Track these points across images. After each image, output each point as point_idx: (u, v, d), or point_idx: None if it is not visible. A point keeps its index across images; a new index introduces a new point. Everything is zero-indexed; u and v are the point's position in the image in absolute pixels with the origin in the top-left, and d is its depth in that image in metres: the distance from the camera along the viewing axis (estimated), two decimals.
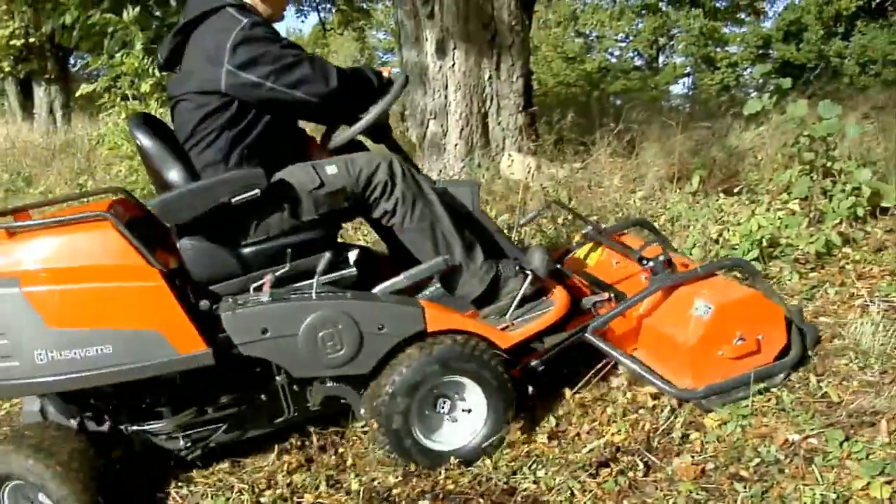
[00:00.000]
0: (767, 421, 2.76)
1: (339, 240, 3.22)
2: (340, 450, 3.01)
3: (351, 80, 2.89)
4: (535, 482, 2.67)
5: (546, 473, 2.67)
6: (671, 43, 35.77)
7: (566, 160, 6.05)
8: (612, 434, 2.81)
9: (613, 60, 35.35)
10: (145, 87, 6.00)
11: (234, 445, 2.92)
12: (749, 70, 32.14)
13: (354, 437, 3.07)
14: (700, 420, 2.86)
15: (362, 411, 2.87)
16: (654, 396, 3.01)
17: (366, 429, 2.98)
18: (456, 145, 6.44)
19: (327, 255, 2.76)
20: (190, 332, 2.54)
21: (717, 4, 24.00)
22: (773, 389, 2.93)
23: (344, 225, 3.68)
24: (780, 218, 4.47)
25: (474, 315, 3.01)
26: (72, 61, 17.01)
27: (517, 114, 6.58)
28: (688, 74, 35.64)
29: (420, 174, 3.08)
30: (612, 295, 3.23)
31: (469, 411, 2.88)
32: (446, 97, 6.45)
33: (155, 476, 2.90)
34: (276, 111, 2.84)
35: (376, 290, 2.86)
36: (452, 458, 2.80)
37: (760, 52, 32.60)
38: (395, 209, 2.91)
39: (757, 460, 2.57)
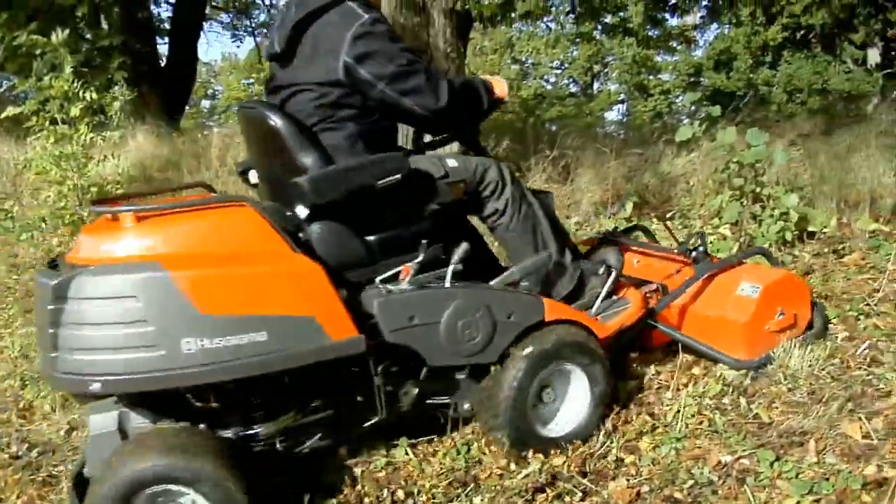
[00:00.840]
0: (700, 443, 2.80)
1: None
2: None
3: (460, 97, 2.88)
4: None
5: (482, 500, 2.66)
6: (605, 70, 36.39)
7: None
8: (550, 459, 2.82)
9: (549, 87, 35.81)
10: (75, 111, 5.86)
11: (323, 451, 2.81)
12: (681, 97, 32.78)
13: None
14: (634, 443, 2.88)
15: (466, 406, 2.89)
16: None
17: None
18: None
19: (464, 245, 2.79)
20: (343, 318, 2.48)
21: (650, 33, 24.49)
22: (706, 412, 2.97)
23: None
24: (711, 242, 4.56)
25: None
26: None
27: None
28: (622, 101, 36.26)
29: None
30: (659, 285, 3.45)
31: (573, 398, 2.98)
32: None
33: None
34: (382, 110, 2.81)
35: (492, 282, 2.95)
36: (561, 442, 2.87)
37: (692, 79, 33.30)
38: (504, 209, 3.05)
39: (691, 482, 2.59)
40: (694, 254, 3.54)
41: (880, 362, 3.29)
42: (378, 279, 2.73)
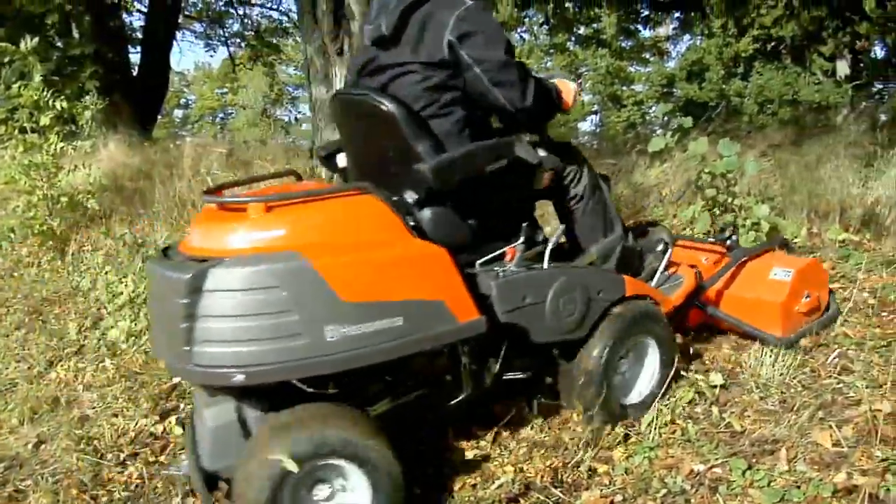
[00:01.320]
0: (673, 452, 2.81)
1: None
2: None
3: (541, 99, 2.98)
4: None
5: None
6: (579, 81, 36.58)
7: None
8: (524, 468, 2.81)
9: None
10: (45, 120, 5.81)
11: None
12: (654, 108, 33.00)
13: None
14: (608, 453, 2.88)
15: (548, 380, 3.14)
16: (569, 428, 3.04)
17: None
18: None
19: (562, 227, 3.15)
20: (467, 300, 2.55)
21: (623, 45, 24.71)
22: (679, 421, 2.99)
23: None
24: None
25: None
26: None
27: None
28: (595, 112, 36.50)
29: None
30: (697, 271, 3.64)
31: (646, 368, 3.23)
32: None
33: None
34: (472, 94, 2.87)
35: (576, 262, 3.23)
36: (634, 408, 3.12)
37: (665, 90, 33.54)
38: (582, 195, 3.28)
39: (664, 491, 2.59)
40: (728, 242, 3.86)
41: (850, 371, 3.32)
42: (478, 262, 2.86)
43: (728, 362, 3.54)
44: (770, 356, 3.37)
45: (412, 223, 2.64)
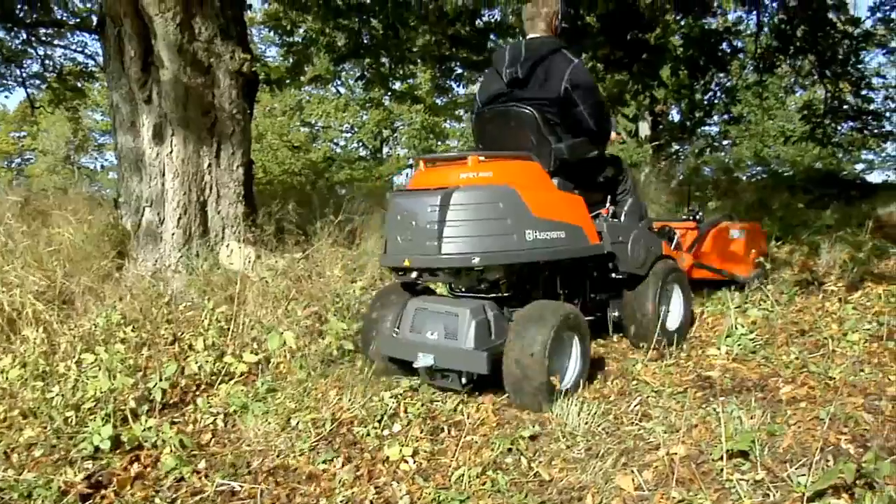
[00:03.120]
0: (484, 502, 2.82)
1: None
2: None
3: (608, 129, 4.62)
4: None
5: None
6: (395, 135, 37.05)
7: (287, 250, 5.98)
8: None
9: (339, 150, 35.98)
10: None
11: None
12: None
13: None
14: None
15: (616, 314, 4.79)
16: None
17: None
18: (173, 234, 6.13)
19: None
20: (594, 230, 4.27)
21: (437, 101, 25.25)
22: (489, 472, 3.01)
23: None
24: None
25: None
26: None
27: (237, 203, 6.45)
28: (410, 166, 36.98)
29: None
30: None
31: (675, 305, 4.94)
32: (163, 185, 6.17)
33: None
34: (576, 117, 4.38)
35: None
36: (673, 333, 4.75)
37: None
38: (627, 189, 4.86)
39: None
40: (696, 217, 5.94)
41: (650, 417, 3.50)
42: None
43: (539, 412, 3.62)
44: (576, 406, 3.48)
45: None
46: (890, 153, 36.41)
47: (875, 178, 31.43)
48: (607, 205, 4.68)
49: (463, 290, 4.20)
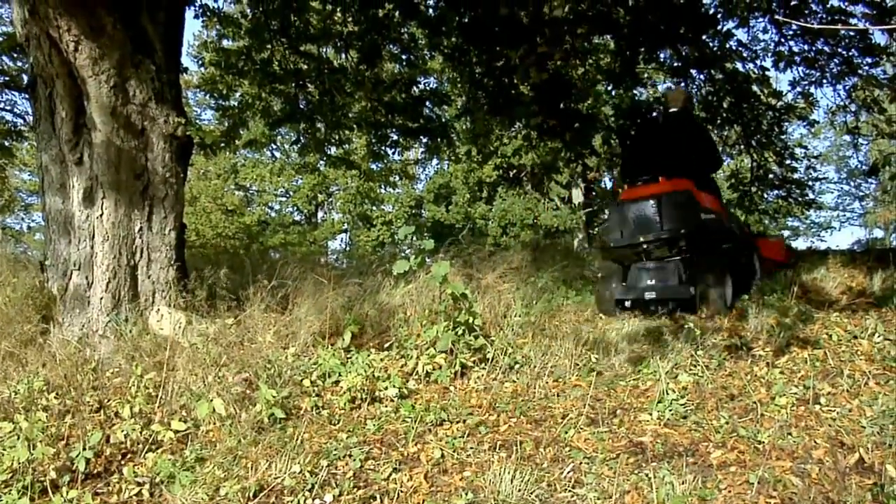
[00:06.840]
0: None
1: None
2: None
3: (719, 161, 8.16)
4: None
5: None
6: (330, 199, 37.06)
7: (218, 315, 5.88)
8: None
9: (273, 214, 35.85)
10: None
11: None
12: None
13: None
14: None
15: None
16: None
17: None
18: (101, 298, 6.01)
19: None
20: (728, 220, 8.00)
21: (373, 166, 25.43)
22: None
23: None
24: (428, 373, 4.71)
25: None
26: None
27: (168, 267, 6.36)
28: (345, 230, 36.98)
29: None
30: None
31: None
32: (92, 248, 6.06)
33: None
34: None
35: None
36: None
37: (413, 211, 34.67)
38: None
39: None
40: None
41: (583, 483, 3.49)
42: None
43: (468, 482, 3.59)
44: (509, 473, 3.46)
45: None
46: (814, 220, 37.94)
47: (800, 244, 32.57)
48: None
49: (654, 258, 7.41)
